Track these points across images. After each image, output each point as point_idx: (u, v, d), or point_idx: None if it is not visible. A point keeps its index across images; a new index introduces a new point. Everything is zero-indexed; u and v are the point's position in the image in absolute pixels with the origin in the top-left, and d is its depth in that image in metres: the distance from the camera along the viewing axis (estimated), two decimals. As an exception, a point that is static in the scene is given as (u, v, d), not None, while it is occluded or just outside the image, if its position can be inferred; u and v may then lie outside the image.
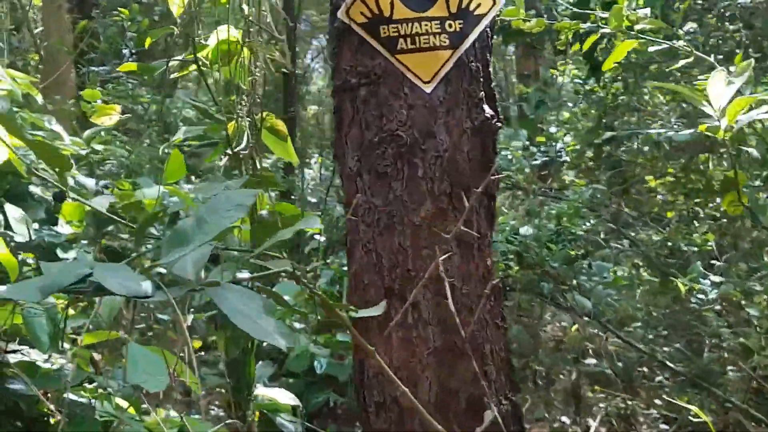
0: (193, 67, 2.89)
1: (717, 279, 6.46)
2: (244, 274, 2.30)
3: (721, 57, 5.36)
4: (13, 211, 3.30)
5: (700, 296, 6.33)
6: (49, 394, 2.67)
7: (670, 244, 7.57)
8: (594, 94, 8.26)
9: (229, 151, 2.68)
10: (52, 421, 2.62)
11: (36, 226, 3.97)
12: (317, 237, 6.47)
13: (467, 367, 2.28)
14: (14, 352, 2.63)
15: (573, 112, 8.47)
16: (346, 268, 2.77)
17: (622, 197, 8.25)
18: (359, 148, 2.36)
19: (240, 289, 1.31)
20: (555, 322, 7.68)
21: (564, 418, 6.37)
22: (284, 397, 3.13)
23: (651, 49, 2.57)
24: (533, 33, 2.71)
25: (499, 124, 2.41)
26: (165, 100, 7.86)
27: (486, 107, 2.39)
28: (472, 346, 2.29)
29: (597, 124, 7.94)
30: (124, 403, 2.72)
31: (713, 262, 6.93)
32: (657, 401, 6.25)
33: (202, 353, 5.24)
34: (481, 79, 2.40)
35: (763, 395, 5.93)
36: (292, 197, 8.99)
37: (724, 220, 7.65)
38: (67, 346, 2.75)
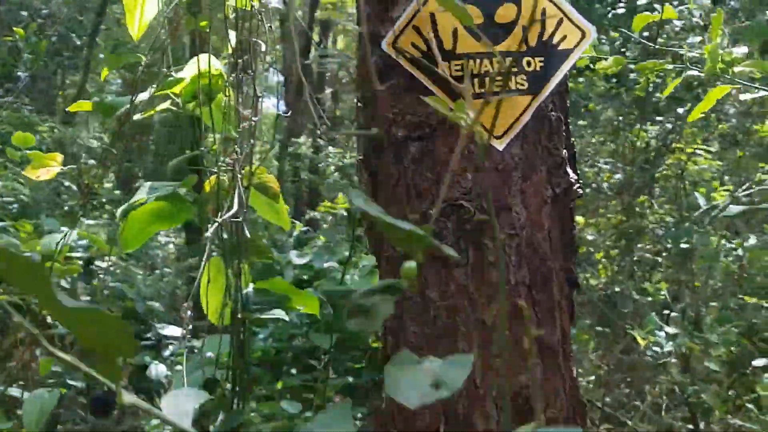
0: (162, 106, 2.26)
1: (672, 330, 6.10)
2: None
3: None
4: None
5: (656, 349, 5.95)
6: None
7: (608, 291, 7.22)
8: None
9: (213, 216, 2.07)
10: None
11: None
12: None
13: None
14: None
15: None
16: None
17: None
18: (407, 222, 1.78)
19: None
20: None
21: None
22: None
23: (744, 97, 2.08)
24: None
25: (581, 191, 1.86)
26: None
27: (569, 169, 1.84)
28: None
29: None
30: None
31: (666, 311, 6.59)
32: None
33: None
34: (563, 133, 1.85)
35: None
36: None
37: (663, 267, 7.34)
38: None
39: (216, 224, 2.01)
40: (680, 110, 6.54)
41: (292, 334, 5.58)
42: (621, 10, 6.49)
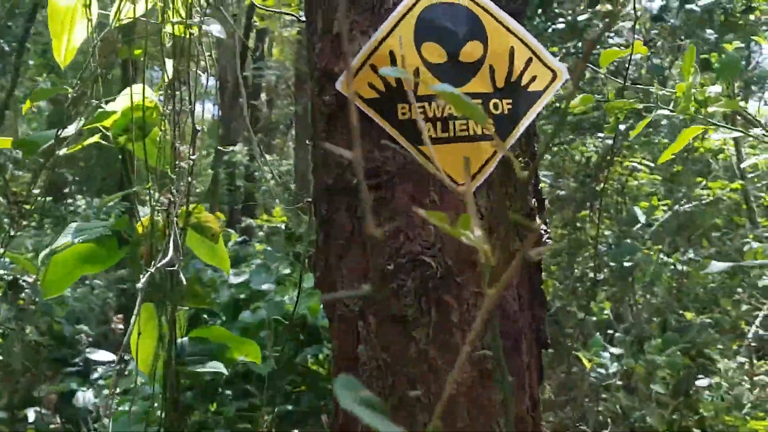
0: (91, 140, 2.06)
1: (617, 351, 6.04)
2: None
3: None
4: None
5: (600, 370, 5.87)
6: None
7: (552, 309, 7.16)
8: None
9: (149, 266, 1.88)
10: None
11: None
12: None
13: None
14: None
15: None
16: None
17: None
18: (362, 278, 1.62)
19: None
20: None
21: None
22: None
23: (716, 136, 1.96)
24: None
25: (550, 241, 1.72)
26: None
27: (538, 220, 1.70)
28: None
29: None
30: None
31: (610, 330, 6.53)
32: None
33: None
34: (532, 181, 1.71)
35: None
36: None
37: (605, 284, 7.29)
38: None
39: (148, 274, 1.82)
40: (621, 126, 6.47)
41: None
42: (561, 25, 6.41)
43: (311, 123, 1.73)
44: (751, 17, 6.63)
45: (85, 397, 4.91)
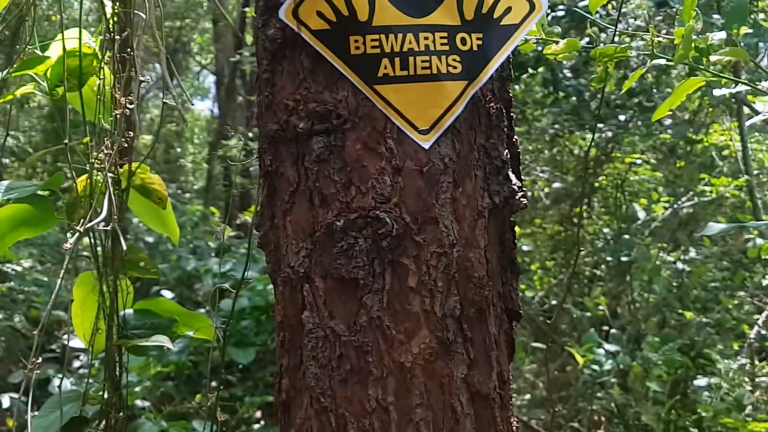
0: (23, 90, 1.87)
1: (612, 348, 5.84)
2: None
3: None
4: None
5: (594, 367, 5.67)
6: None
7: (545, 305, 6.96)
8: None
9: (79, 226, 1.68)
10: None
11: None
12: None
13: None
14: None
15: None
16: None
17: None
18: (309, 236, 1.41)
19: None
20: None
21: None
22: None
23: (718, 92, 1.76)
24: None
25: (525, 201, 1.52)
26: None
27: (511, 174, 1.50)
28: None
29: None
30: None
31: (605, 327, 6.34)
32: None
33: None
34: (505, 130, 1.50)
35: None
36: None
37: (602, 281, 7.10)
38: None
39: (76, 236, 1.62)
40: (621, 117, 6.26)
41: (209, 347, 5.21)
42: (561, 12, 6.19)
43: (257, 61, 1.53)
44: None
45: (61, 384, 4.72)
